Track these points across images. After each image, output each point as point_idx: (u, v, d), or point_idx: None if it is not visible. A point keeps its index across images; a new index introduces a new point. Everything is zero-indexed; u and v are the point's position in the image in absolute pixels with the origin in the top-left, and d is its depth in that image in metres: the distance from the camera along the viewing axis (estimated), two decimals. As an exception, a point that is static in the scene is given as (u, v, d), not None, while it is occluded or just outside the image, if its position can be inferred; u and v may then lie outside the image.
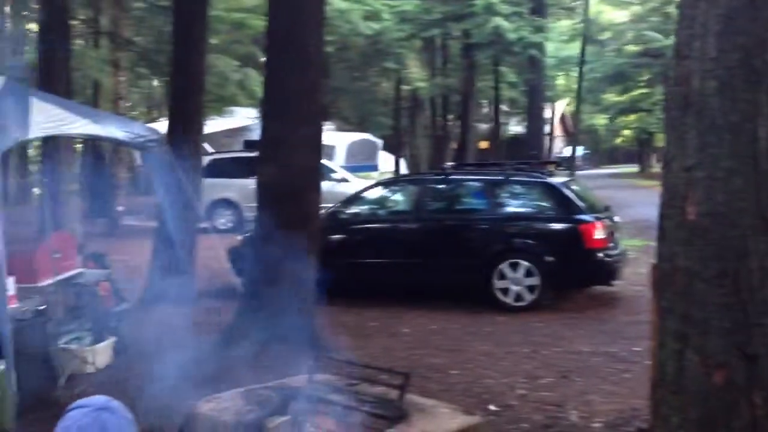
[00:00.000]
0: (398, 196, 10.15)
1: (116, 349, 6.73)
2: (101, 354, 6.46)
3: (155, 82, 24.10)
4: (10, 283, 5.20)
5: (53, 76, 10.10)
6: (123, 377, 5.98)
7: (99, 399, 1.74)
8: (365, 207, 9.89)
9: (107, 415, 1.69)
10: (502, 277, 8.63)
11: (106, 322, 6.73)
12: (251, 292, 6.75)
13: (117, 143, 10.41)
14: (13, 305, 5.32)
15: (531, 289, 8.58)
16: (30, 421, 5.08)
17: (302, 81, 6.46)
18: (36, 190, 25.18)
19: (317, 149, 6.76)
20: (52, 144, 13.58)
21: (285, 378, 4.31)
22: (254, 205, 14.13)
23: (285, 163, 6.35)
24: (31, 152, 26.07)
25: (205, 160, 13.72)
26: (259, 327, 6.32)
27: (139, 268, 9.89)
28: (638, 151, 44.31)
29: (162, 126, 10.54)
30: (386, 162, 22.58)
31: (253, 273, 6.77)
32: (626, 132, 45.36)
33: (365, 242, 9.33)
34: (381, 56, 21.97)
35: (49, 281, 5.98)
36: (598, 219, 8.71)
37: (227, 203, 16.21)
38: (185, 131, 8.76)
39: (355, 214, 9.72)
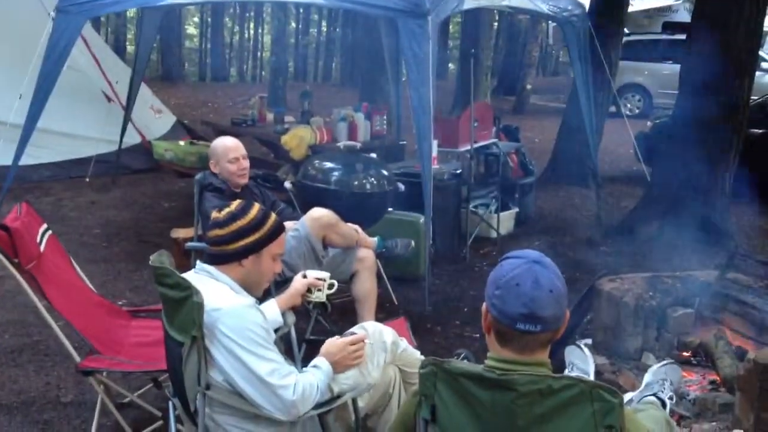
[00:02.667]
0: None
1: (518, 219, 7.04)
2: (505, 221, 6.80)
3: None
4: (434, 146, 5.59)
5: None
6: (522, 246, 6.25)
7: (533, 253, 1.80)
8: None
9: (539, 267, 1.75)
10: None
11: (512, 192, 7.03)
12: (660, 180, 6.50)
13: (541, 17, 10.47)
14: (435, 166, 5.76)
15: None
16: (439, 271, 5.62)
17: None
18: (451, 65, 26.90)
19: (756, 33, 6.07)
20: (471, 18, 14.22)
21: (692, 270, 4.12)
22: (666, 91, 13.53)
23: (718, 43, 5.82)
24: (450, 28, 27.68)
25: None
26: (664, 216, 6.11)
27: (543, 146, 10.12)
28: None
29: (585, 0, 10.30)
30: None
31: (665, 160, 6.48)
32: None
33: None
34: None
35: (467, 147, 6.36)
36: None
37: (637, 87, 15.58)
38: (610, 7, 8.48)
39: (787, 109, 8.65)
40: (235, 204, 2.51)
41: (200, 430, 2.35)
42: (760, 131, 8.20)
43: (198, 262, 2.51)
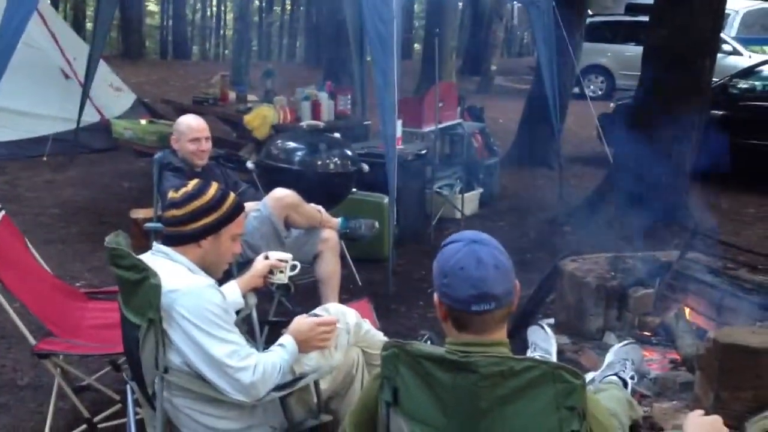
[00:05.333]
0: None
1: (482, 200, 7.06)
2: (469, 202, 6.81)
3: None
4: (398, 126, 5.56)
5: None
6: (487, 227, 6.27)
7: (469, 233, 1.80)
8: (760, 83, 8.85)
9: (479, 246, 1.74)
10: None
11: (477, 172, 7.04)
12: (622, 161, 6.54)
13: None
14: (399, 147, 5.73)
15: None
16: (404, 252, 5.61)
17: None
18: (416, 45, 26.83)
19: (718, 14, 6.11)
20: (435, 2, 14.16)
21: (653, 251, 4.16)
22: (628, 72, 13.61)
23: (681, 24, 5.84)
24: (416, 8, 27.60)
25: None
26: (626, 197, 6.15)
27: (508, 126, 10.14)
28: None
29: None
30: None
31: (627, 142, 6.52)
32: None
33: (755, 122, 8.39)
34: None
35: (431, 128, 6.34)
36: None
37: (600, 69, 15.66)
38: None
39: (747, 90, 8.75)
40: (193, 184, 2.46)
41: (158, 413, 2.31)
42: (722, 112, 8.29)
43: (155, 243, 2.46)
